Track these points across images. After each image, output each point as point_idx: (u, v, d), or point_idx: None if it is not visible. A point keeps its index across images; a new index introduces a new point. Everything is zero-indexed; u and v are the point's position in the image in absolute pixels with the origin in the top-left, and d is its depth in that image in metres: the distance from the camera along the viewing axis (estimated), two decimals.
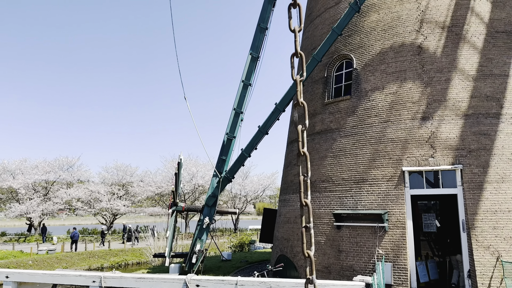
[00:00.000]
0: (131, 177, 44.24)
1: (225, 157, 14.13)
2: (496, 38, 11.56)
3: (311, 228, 1.65)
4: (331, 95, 13.58)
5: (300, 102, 1.78)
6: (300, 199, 1.67)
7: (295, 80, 1.79)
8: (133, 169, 44.56)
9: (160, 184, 42.34)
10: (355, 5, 11.75)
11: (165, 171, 43.85)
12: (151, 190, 42.33)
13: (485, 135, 10.58)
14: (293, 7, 1.75)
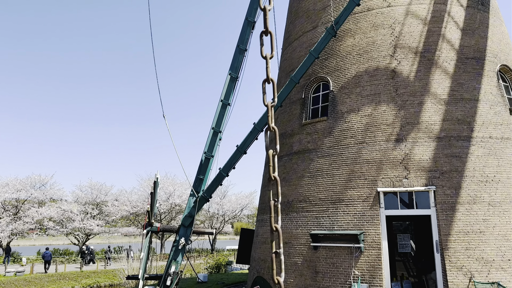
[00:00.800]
0: (105, 196, 43.20)
1: (202, 176, 14.00)
2: (466, 64, 12.06)
3: (281, 254, 1.64)
4: (308, 116, 13.77)
5: (271, 127, 1.80)
6: (270, 224, 1.67)
7: (267, 105, 1.81)
8: (108, 188, 43.56)
9: (136, 203, 41.47)
10: (331, 30, 12.07)
11: (141, 190, 43.06)
12: (126, 210, 41.38)
13: (457, 157, 10.89)
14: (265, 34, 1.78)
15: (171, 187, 41.10)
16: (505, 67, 12.78)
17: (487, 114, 11.51)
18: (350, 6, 11.73)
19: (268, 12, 1.76)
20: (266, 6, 1.79)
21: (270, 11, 1.79)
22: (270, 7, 1.80)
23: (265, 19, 1.75)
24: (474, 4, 13.21)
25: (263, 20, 1.75)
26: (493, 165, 10.89)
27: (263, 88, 1.85)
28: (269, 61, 1.80)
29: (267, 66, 1.80)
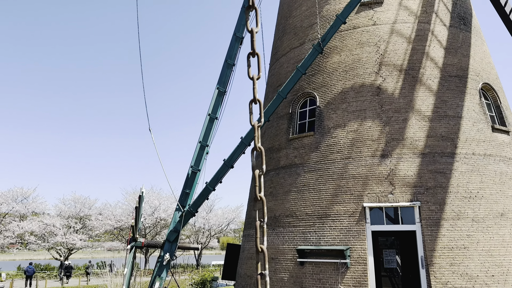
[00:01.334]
0: (89, 210, 42.44)
1: (189, 191, 13.89)
2: (450, 82, 12.34)
3: (266, 275, 1.63)
4: (295, 130, 13.85)
5: (257, 147, 1.80)
6: (256, 245, 1.66)
7: (253, 125, 1.82)
8: (92, 202, 42.84)
9: (120, 217, 40.81)
10: (318, 47, 12.26)
11: (125, 204, 42.43)
12: (110, 224, 40.67)
13: (441, 173, 11.04)
14: (252, 56, 1.80)
15: (157, 201, 40.63)
16: (487, 85, 13.11)
17: (470, 131, 11.74)
18: (336, 24, 11.95)
19: (255, 34, 1.79)
20: (253, 28, 1.81)
21: (257, 32, 1.82)
22: (257, 29, 1.82)
23: (252, 40, 1.77)
24: (457, 24, 13.59)
25: (251, 41, 1.78)
26: (476, 181, 11.07)
27: (249, 108, 1.86)
28: (256, 81, 1.81)
29: (254, 87, 1.81)
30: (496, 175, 11.37)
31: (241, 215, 46.65)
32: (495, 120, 12.79)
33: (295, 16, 15.49)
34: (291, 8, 16.04)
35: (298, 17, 15.30)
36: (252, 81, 1.80)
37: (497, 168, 11.50)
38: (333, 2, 14.21)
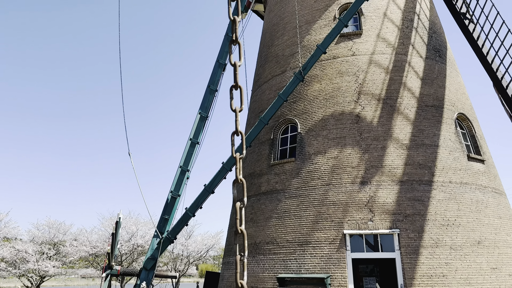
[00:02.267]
0: (64, 236, 40.99)
1: (167, 216, 13.64)
2: (426, 111, 12.70)
3: None
4: (277, 156, 13.90)
5: (239, 179, 1.80)
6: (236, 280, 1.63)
7: (235, 157, 1.82)
8: (67, 227, 41.42)
9: (96, 243, 39.51)
10: (299, 75, 12.50)
11: (102, 230, 41.18)
12: (85, 250, 39.27)
13: (419, 201, 11.20)
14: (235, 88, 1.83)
15: (134, 226, 39.59)
16: (462, 115, 13.55)
17: (446, 159, 12.03)
18: (317, 54, 12.26)
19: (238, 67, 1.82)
20: (236, 62, 1.84)
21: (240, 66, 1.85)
22: (240, 63, 1.85)
23: (235, 74, 1.80)
24: (433, 56, 14.14)
25: (233, 74, 1.80)
26: (453, 209, 11.26)
27: (231, 140, 1.87)
28: (238, 114, 1.83)
29: (236, 119, 1.83)
30: (472, 203, 11.60)
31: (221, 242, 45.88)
32: (471, 149, 13.16)
33: (277, 45, 15.83)
34: (273, 37, 16.40)
35: (280, 46, 15.64)
36: (234, 113, 1.82)
37: (473, 196, 11.75)
38: (314, 33, 14.62)
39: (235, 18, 1.85)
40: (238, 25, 1.89)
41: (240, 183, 1.84)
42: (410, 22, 14.41)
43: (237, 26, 1.88)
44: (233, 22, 1.84)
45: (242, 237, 1.74)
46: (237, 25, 1.87)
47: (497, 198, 12.48)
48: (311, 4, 15.23)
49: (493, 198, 12.26)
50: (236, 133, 1.86)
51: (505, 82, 14.29)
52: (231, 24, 1.86)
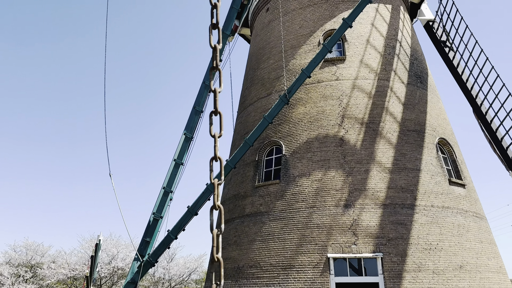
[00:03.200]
0: (41, 258, 39.70)
1: (149, 239, 13.36)
2: (408, 136, 12.93)
3: None
4: (261, 178, 13.88)
5: (216, 206, 1.79)
6: None
7: (213, 183, 1.81)
8: (45, 249, 40.19)
9: (74, 266, 38.32)
10: (284, 98, 12.65)
11: (81, 252, 40.05)
12: (63, 273, 38.01)
13: (401, 224, 11.26)
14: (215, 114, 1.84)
15: (115, 249, 38.63)
16: (443, 140, 13.82)
17: (428, 183, 12.19)
18: (302, 78, 12.46)
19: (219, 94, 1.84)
20: (216, 88, 1.86)
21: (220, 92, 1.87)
22: (220, 90, 1.88)
23: (215, 100, 1.82)
24: (414, 82, 14.51)
25: (214, 101, 1.82)
26: (435, 233, 11.34)
27: (210, 166, 1.87)
28: (217, 139, 1.84)
29: (215, 145, 1.83)
30: (454, 227, 11.71)
31: (204, 265, 45.03)
32: (452, 174, 13.38)
33: (263, 68, 16.05)
34: (259, 60, 16.64)
35: (266, 69, 15.86)
36: (213, 138, 1.83)
37: (455, 220, 11.88)
38: (299, 57, 14.89)
39: (216, 46, 1.89)
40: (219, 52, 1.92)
41: (217, 209, 1.83)
42: (392, 49, 14.82)
43: (218, 53, 1.91)
44: (214, 50, 1.87)
45: (219, 265, 1.72)
46: (217, 52, 1.90)
47: (478, 223, 12.64)
48: (296, 30, 15.57)
49: (474, 223, 12.41)
50: (215, 158, 1.86)
51: (484, 108, 14.71)
52: (212, 51, 1.90)
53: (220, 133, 1.86)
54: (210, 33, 1.92)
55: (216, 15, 1.90)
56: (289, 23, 15.94)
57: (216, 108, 1.84)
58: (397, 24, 15.79)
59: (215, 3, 1.88)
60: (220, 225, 1.81)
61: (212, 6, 1.86)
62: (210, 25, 1.88)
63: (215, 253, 1.75)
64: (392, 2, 16.40)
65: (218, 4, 1.91)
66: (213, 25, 1.88)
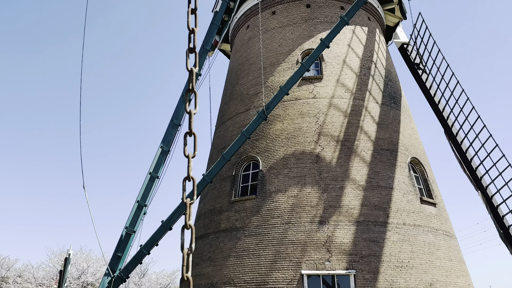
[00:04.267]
0: (7, 272, 38.07)
1: (121, 254, 13.07)
2: (382, 155, 13.24)
3: None
4: (238, 193, 13.87)
5: (187, 225, 1.83)
6: None
7: (185, 203, 1.85)
8: (12, 262, 38.61)
9: (42, 280, 36.91)
10: (262, 114, 12.79)
11: (50, 266, 38.67)
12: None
13: (374, 242, 11.44)
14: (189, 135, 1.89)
15: (85, 263, 37.48)
16: (415, 159, 14.22)
17: (400, 201, 12.48)
18: (280, 95, 12.65)
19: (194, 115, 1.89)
20: (191, 110, 1.92)
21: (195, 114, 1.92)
22: (196, 111, 1.93)
23: (190, 121, 1.87)
24: (388, 102, 14.94)
25: (188, 123, 1.87)
26: (407, 251, 11.57)
27: (183, 186, 1.91)
28: (191, 160, 1.88)
29: (188, 165, 1.88)
30: (425, 246, 11.98)
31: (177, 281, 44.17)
32: (423, 193, 13.75)
33: (242, 84, 16.22)
34: (238, 76, 16.81)
35: (245, 85, 16.02)
36: (187, 159, 1.87)
37: (425, 239, 12.16)
38: (278, 75, 15.14)
39: (192, 69, 1.95)
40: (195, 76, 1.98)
41: (189, 228, 1.86)
42: (367, 69, 15.27)
43: (194, 76, 1.97)
44: (190, 73, 1.93)
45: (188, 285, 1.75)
46: (194, 75, 1.96)
47: (448, 241, 12.97)
48: (276, 48, 15.86)
49: (444, 241, 12.73)
50: (188, 178, 1.90)
51: (454, 129, 15.25)
52: (189, 74, 1.96)
53: (194, 154, 1.91)
54: (187, 57, 1.98)
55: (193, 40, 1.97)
56: (269, 41, 16.23)
57: (190, 129, 1.89)
58: (372, 46, 16.31)
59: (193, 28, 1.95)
60: (191, 244, 1.85)
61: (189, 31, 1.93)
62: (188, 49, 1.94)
63: (185, 272, 1.78)
64: (368, 24, 16.95)
65: (196, 29, 1.98)
66: (190, 49, 1.95)
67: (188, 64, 1.97)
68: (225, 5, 14.87)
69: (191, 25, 1.97)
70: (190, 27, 1.96)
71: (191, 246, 1.85)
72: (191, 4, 2.00)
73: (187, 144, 1.90)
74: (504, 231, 13.56)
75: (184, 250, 1.82)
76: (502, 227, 13.60)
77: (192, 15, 1.99)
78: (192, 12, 2.02)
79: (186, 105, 1.95)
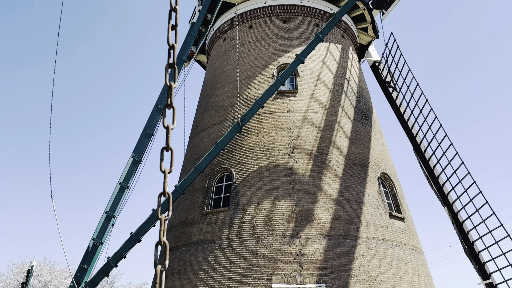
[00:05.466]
0: None
1: (87, 266, 12.65)
2: (353, 169, 13.49)
3: None
4: (210, 205, 13.75)
5: (161, 242, 1.80)
6: None
7: (160, 219, 1.83)
8: None
9: None
10: (237, 126, 12.82)
11: (10, 277, 36.85)
12: None
13: (344, 255, 11.57)
14: (166, 150, 1.88)
15: (48, 275, 35.97)
16: (384, 174, 14.56)
17: (370, 216, 12.71)
18: (255, 107, 12.74)
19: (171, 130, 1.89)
20: (169, 125, 1.92)
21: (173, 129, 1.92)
22: (173, 126, 1.93)
23: (167, 137, 1.86)
24: (359, 118, 15.30)
25: (165, 138, 1.87)
26: (376, 265, 11.75)
27: (158, 201, 1.89)
28: (167, 175, 1.87)
29: (165, 180, 1.86)
30: (393, 260, 12.22)
31: None
32: (392, 207, 14.06)
33: (218, 95, 16.23)
34: (214, 87, 16.83)
35: (220, 96, 16.04)
36: (163, 174, 1.86)
37: (394, 253, 12.40)
38: (253, 88, 15.25)
39: (171, 85, 1.95)
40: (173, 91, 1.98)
41: (163, 245, 1.84)
42: (340, 86, 15.62)
43: (173, 92, 1.98)
44: (169, 88, 1.93)
45: None
46: (172, 91, 1.97)
47: (416, 256, 13.28)
48: (252, 61, 16.01)
49: (412, 255, 13.02)
50: (164, 194, 1.89)
51: (423, 146, 15.76)
52: (167, 89, 1.96)
53: (171, 169, 1.90)
54: (166, 72, 1.98)
55: (173, 56, 1.98)
56: (245, 54, 16.37)
57: (168, 144, 1.88)
58: (346, 63, 16.73)
59: (173, 44, 1.96)
60: (165, 261, 1.82)
61: (169, 47, 1.94)
62: (167, 64, 1.95)
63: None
64: (342, 42, 17.40)
65: (175, 45, 1.99)
66: (169, 64, 1.96)
67: (167, 79, 1.97)
68: (202, 17, 14.93)
69: (171, 41, 1.97)
70: (170, 43, 1.97)
71: (165, 263, 1.83)
72: (171, 20, 2.01)
73: (163, 159, 1.89)
74: (468, 246, 14.03)
75: (158, 267, 1.80)
76: (466, 242, 14.07)
77: (172, 31, 2.01)
78: (173, 28, 2.03)
79: (164, 120, 1.94)
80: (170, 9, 1.97)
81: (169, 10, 1.99)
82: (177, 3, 1.96)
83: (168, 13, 2.03)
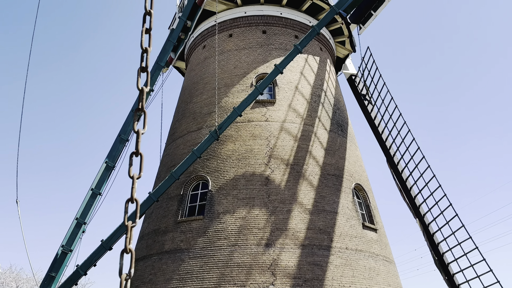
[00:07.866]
0: None
1: (55, 274, 12.23)
2: (328, 180, 13.62)
3: None
4: (185, 213, 13.58)
5: (127, 249, 1.76)
6: None
7: (127, 225, 1.79)
8: None
9: None
10: (214, 133, 12.76)
11: None
12: None
13: (318, 265, 11.61)
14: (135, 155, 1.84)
15: (14, 283, 34.58)
16: (358, 185, 14.77)
17: (344, 226, 12.83)
18: (233, 116, 12.73)
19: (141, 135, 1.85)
20: (139, 130, 1.88)
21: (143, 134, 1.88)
22: (144, 131, 1.90)
23: (137, 141, 1.83)
24: (335, 130, 15.51)
25: (136, 142, 1.83)
26: (348, 276, 11.84)
27: (125, 208, 1.85)
28: (135, 181, 1.83)
29: (133, 186, 1.82)
30: (365, 270, 12.34)
31: None
32: (365, 218, 14.25)
33: (196, 103, 16.15)
34: (192, 94, 16.74)
35: (198, 103, 15.97)
36: (132, 179, 1.82)
37: (366, 264, 12.53)
38: (232, 96, 15.26)
39: (143, 89, 1.92)
40: (145, 95, 1.95)
41: (129, 252, 1.79)
42: (317, 97, 15.83)
43: (144, 96, 1.95)
44: (141, 92, 1.90)
45: None
46: (144, 95, 1.94)
47: (387, 266, 13.46)
48: (231, 70, 16.04)
49: (384, 266, 13.19)
50: (131, 200, 1.84)
51: (396, 159, 16.09)
52: (139, 93, 1.93)
53: (140, 175, 1.86)
54: (138, 76, 1.95)
55: (146, 59, 1.95)
56: (224, 62, 16.39)
57: (137, 149, 1.85)
58: (323, 75, 16.98)
59: (146, 48, 1.93)
60: (130, 269, 1.78)
61: (142, 50, 1.92)
62: (139, 68, 1.92)
63: None
64: (320, 54, 17.68)
65: (149, 49, 1.96)
66: (142, 68, 1.93)
67: (139, 83, 1.94)
68: (182, 23, 14.88)
69: (144, 45, 1.95)
70: (143, 46, 1.94)
71: (130, 272, 1.78)
72: (145, 24, 1.99)
73: (132, 164, 1.85)
74: (438, 257, 14.34)
75: (123, 276, 1.74)
76: (437, 254, 14.38)
77: (146, 34, 1.98)
78: (147, 32, 2.01)
79: (135, 125, 1.91)
80: (144, 12, 1.95)
81: (144, 14, 1.96)
82: (152, 7, 1.94)
83: (143, 17, 2.01)
